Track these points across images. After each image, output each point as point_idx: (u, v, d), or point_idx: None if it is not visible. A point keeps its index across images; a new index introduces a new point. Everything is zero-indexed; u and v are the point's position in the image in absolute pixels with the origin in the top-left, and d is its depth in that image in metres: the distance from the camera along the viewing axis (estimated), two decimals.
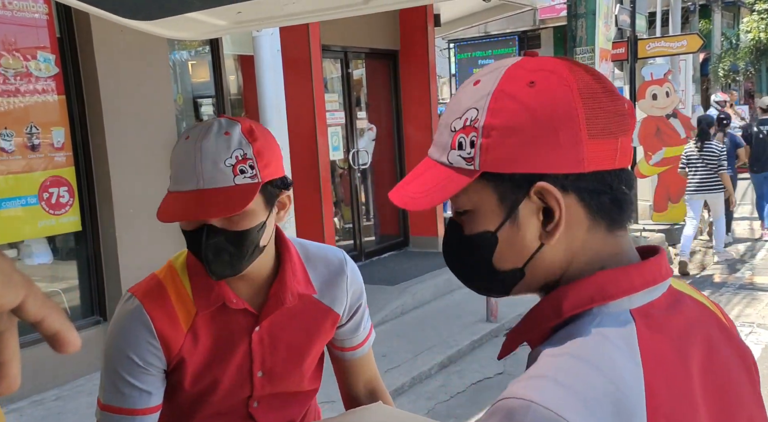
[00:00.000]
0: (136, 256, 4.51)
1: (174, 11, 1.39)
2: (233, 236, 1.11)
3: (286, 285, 1.22)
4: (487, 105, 0.70)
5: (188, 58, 5.86)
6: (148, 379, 1.18)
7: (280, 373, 1.27)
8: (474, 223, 0.74)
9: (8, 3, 4.01)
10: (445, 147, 0.74)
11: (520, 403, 0.63)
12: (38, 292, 0.48)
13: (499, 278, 0.76)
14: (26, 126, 4.13)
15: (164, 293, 1.19)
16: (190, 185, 1.10)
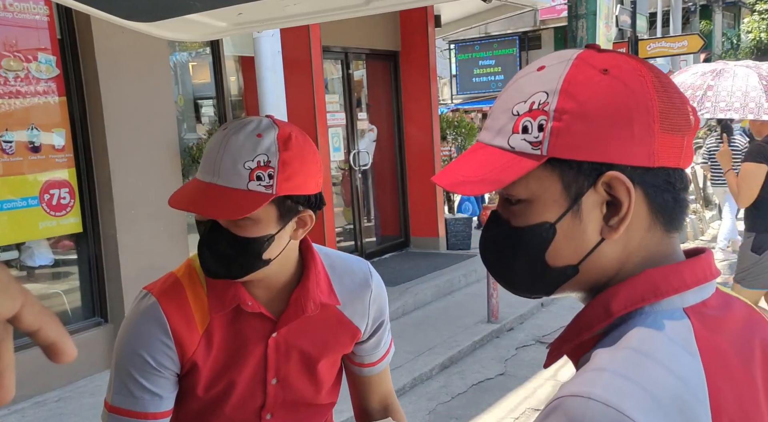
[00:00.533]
0: (136, 257, 4.51)
1: (175, 13, 1.39)
2: (234, 241, 1.07)
3: (309, 293, 1.17)
4: (559, 89, 0.67)
5: (189, 59, 5.87)
6: (161, 382, 1.13)
7: (294, 383, 1.23)
8: (529, 213, 0.70)
9: (9, 5, 4.02)
10: (503, 131, 0.70)
11: (578, 401, 0.59)
12: (35, 301, 0.47)
13: (548, 276, 0.71)
14: (27, 128, 4.13)
15: (181, 292, 1.15)
16: (208, 176, 1.07)
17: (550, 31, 24.73)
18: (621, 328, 0.66)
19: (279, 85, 4.05)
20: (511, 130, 0.69)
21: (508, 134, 0.69)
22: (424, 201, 7.82)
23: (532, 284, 0.74)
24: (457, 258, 7.36)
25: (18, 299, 0.46)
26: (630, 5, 9.56)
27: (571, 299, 5.25)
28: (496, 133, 0.71)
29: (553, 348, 0.74)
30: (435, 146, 7.78)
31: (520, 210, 0.70)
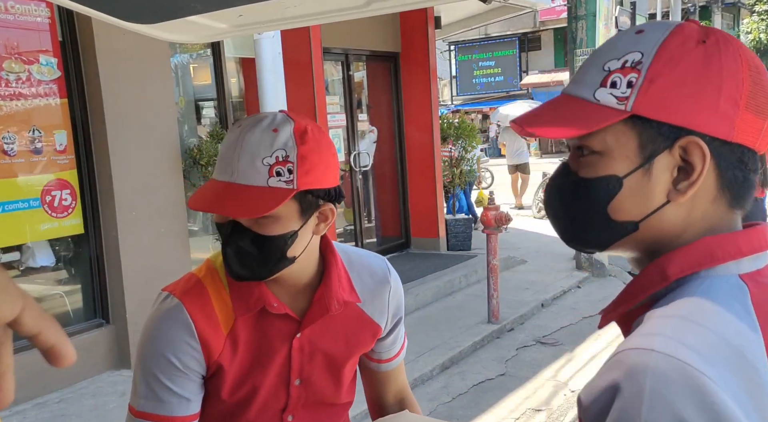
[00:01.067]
0: (138, 258, 4.52)
1: (175, 15, 1.40)
2: (258, 240, 1.05)
3: (332, 292, 1.15)
4: (655, 50, 0.69)
5: (190, 61, 5.88)
6: (188, 384, 1.11)
7: (317, 382, 1.21)
8: (599, 165, 0.72)
9: (11, 7, 4.03)
10: (590, 84, 0.72)
11: (640, 353, 0.60)
12: (35, 305, 0.48)
13: (608, 229, 0.73)
14: (29, 129, 4.15)
15: (204, 293, 1.12)
16: (225, 175, 1.04)
17: (550, 32, 24.75)
18: (677, 292, 0.68)
19: (279, 87, 4.05)
20: (599, 83, 0.71)
21: (595, 86, 0.71)
22: (424, 202, 7.82)
23: (590, 235, 0.75)
24: (458, 259, 7.36)
25: (18, 302, 0.46)
26: (630, 6, 9.58)
27: (571, 301, 5.26)
28: (583, 85, 0.73)
29: (606, 311, 0.76)
30: (435, 147, 7.79)
31: (591, 161, 0.73)
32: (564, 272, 7.22)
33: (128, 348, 4.48)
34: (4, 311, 0.45)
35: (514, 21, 19.44)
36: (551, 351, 5.08)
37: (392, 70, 7.83)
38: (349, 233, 7.40)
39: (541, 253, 8.19)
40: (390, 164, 7.96)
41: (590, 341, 5.28)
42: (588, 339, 5.33)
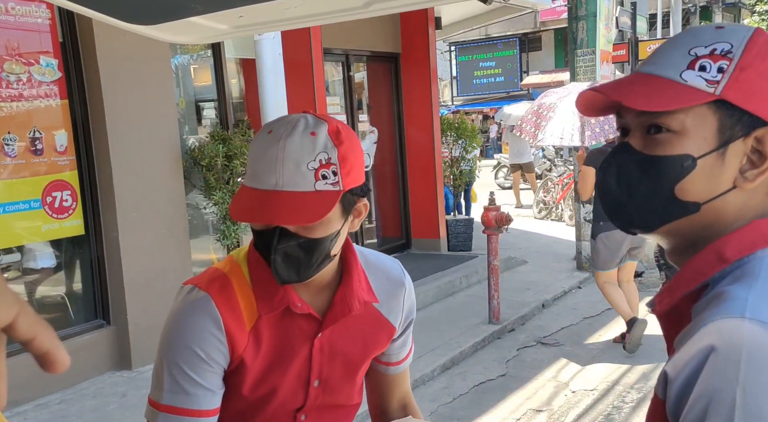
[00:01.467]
0: (138, 260, 4.52)
1: (176, 16, 1.40)
2: (306, 244, 1.05)
3: (354, 292, 1.16)
4: (745, 43, 0.73)
5: (190, 61, 5.88)
6: (212, 377, 1.10)
7: (334, 384, 1.22)
8: (675, 144, 0.74)
9: (11, 8, 4.03)
10: (676, 66, 0.75)
11: (732, 322, 0.64)
12: (29, 310, 0.48)
13: (669, 208, 0.76)
14: (29, 130, 4.15)
15: (229, 287, 1.11)
16: (269, 184, 1.01)
17: (551, 33, 24.74)
18: (738, 271, 0.71)
19: (280, 88, 4.06)
20: (686, 66, 0.74)
21: (681, 68, 0.74)
22: (425, 203, 7.82)
23: (647, 214, 0.77)
24: (458, 260, 7.36)
25: (13, 308, 0.46)
26: (630, 7, 9.58)
27: (572, 301, 5.25)
28: (666, 66, 0.75)
29: (662, 296, 0.78)
30: (436, 147, 7.79)
31: (665, 140, 0.75)
32: (565, 273, 7.22)
33: (129, 349, 4.48)
34: (0, 318, 0.46)
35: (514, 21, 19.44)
36: (552, 351, 5.08)
37: (393, 70, 7.83)
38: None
39: (542, 253, 8.19)
40: (390, 164, 7.96)
41: (591, 341, 5.28)
42: (589, 339, 5.33)
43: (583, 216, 7.21)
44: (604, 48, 7.18)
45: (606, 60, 7.26)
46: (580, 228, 7.28)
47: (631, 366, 4.71)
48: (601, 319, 5.82)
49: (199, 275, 1.16)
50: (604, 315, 5.91)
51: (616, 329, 5.54)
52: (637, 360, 4.79)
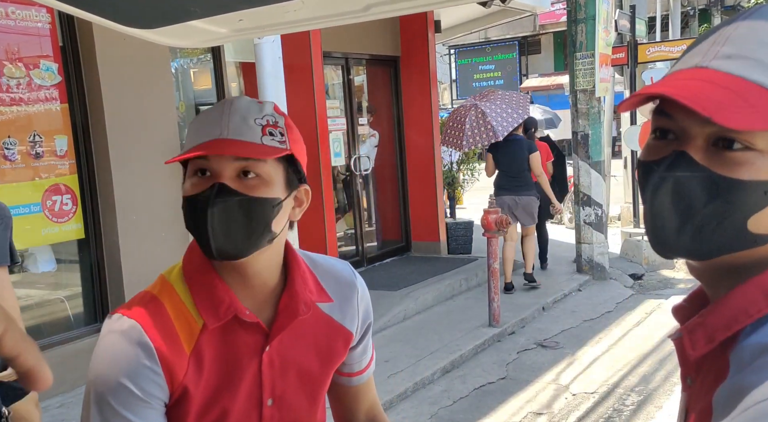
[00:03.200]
0: (138, 263, 4.52)
1: (175, 19, 1.41)
2: (246, 201, 0.98)
3: (298, 295, 1.08)
4: None
5: (190, 65, 5.89)
6: (149, 414, 0.98)
7: (290, 401, 1.12)
8: (758, 167, 0.60)
9: (11, 12, 4.04)
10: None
11: None
12: (17, 328, 0.48)
13: (733, 239, 0.62)
14: (29, 134, 4.15)
15: (161, 309, 1.02)
16: (212, 135, 0.98)
17: (550, 36, 24.80)
18: None
19: (280, 91, 4.06)
20: None
21: None
22: (425, 206, 7.83)
23: (704, 243, 0.63)
24: (458, 262, 7.36)
25: (0, 325, 0.47)
26: (629, 10, 9.58)
27: (571, 304, 5.25)
28: (753, 65, 0.60)
29: (696, 338, 0.66)
30: (436, 150, 7.80)
31: (744, 160, 0.60)
32: (565, 276, 7.21)
33: None
34: None
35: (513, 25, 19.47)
36: (552, 354, 5.08)
37: (392, 74, 7.85)
38: (350, 236, 7.41)
39: None
40: (390, 167, 7.97)
41: (591, 344, 5.28)
42: (589, 342, 5.33)
43: (583, 219, 7.21)
44: (604, 51, 7.19)
45: (605, 63, 7.27)
46: (580, 231, 7.28)
47: (631, 369, 4.70)
48: (601, 322, 5.82)
49: (129, 301, 1.06)
50: (605, 318, 5.92)
51: (616, 331, 5.55)
52: (638, 363, 4.79)
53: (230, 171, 0.98)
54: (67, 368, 4.13)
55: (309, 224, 5.85)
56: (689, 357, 0.67)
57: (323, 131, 6.18)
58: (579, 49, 7.08)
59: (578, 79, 7.12)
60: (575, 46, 7.11)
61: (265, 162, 1.00)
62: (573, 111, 7.31)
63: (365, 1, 1.34)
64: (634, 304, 6.33)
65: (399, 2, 1.36)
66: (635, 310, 6.13)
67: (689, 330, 0.67)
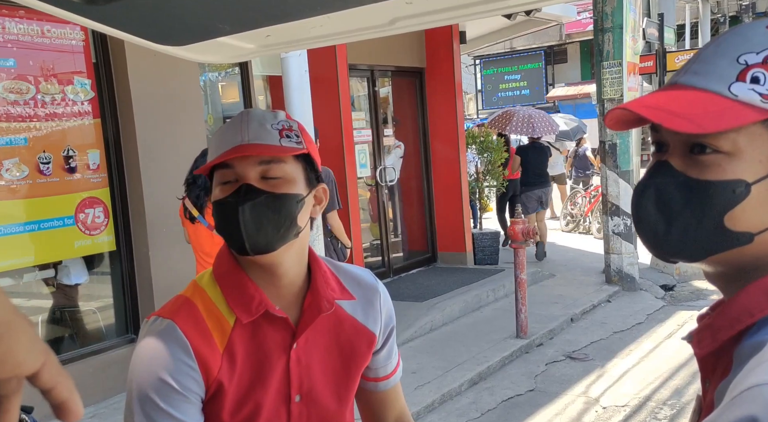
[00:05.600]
0: (168, 275, 4.59)
1: (205, 36, 1.44)
2: (272, 198, 1.05)
3: (320, 293, 1.15)
4: None
5: (218, 79, 5.98)
6: (189, 409, 1.03)
7: (317, 399, 1.16)
8: (724, 168, 0.65)
9: (47, 31, 4.16)
10: (723, 77, 0.65)
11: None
12: (54, 360, 0.49)
13: (717, 239, 0.66)
14: (63, 149, 4.25)
15: (194, 310, 1.09)
16: (234, 143, 1.06)
17: (576, 45, 24.63)
18: None
19: (306, 104, 4.10)
20: (735, 77, 0.65)
21: (730, 80, 0.65)
22: (451, 216, 7.81)
23: (691, 244, 0.68)
24: (485, 273, 7.32)
25: (40, 358, 0.48)
26: (657, 18, 9.49)
27: (601, 315, 5.17)
28: (711, 77, 0.66)
29: (702, 336, 0.70)
30: (461, 161, 7.79)
31: (713, 162, 0.65)
32: (593, 286, 7.12)
33: None
34: (27, 366, 0.47)
35: (539, 34, 19.40)
36: (581, 366, 5.01)
37: (417, 85, 7.87)
38: (376, 247, 7.41)
39: (569, 267, 8.10)
40: (416, 178, 7.97)
41: (621, 356, 5.20)
42: (619, 354, 5.24)
43: (612, 229, 7.13)
44: (631, 60, 7.13)
45: (633, 72, 7.20)
46: (609, 241, 7.18)
47: (664, 382, 4.62)
48: (631, 333, 5.73)
49: (163, 305, 1.13)
50: (635, 329, 5.82)
51: (647, 343, 5.45)
52: (670, 376, 4.70)
53: (254, 173, 1.06)
54: (99, 378, 4.20)
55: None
56: (696, 355, 0.71)
57: (349, 142, 6.22)
58: (606, 58, 7.02)
59: (605, 88, 7.06)
60: (602, 56, 7.06)
61: (286, 163, 1.08)
62: (600, 120, 7.24)
63: (390, 15, 1.36)
64: (666, 316, 6.22)
65: (424, 16, 1.37)
66: (667, 322, 6.02)
67: (698, 331, 0.71)
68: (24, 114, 4.05)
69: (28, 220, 4.07)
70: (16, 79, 4.02)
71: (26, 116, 4.06)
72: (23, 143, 4.04)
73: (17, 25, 4.00)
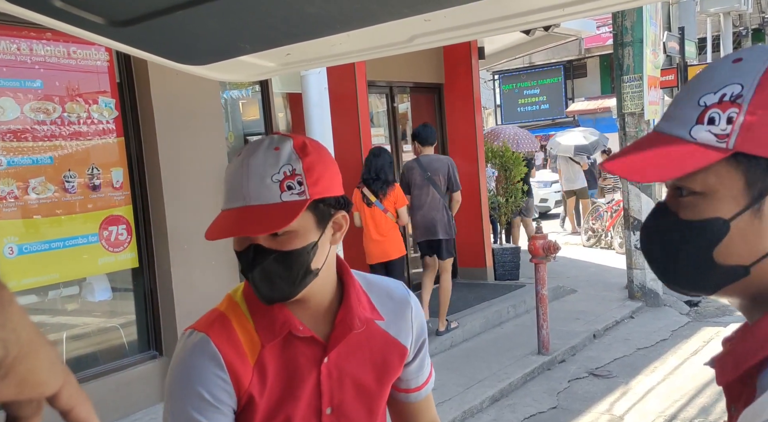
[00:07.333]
0: (189, 291, 4.62)
1: (226, 55, 1.46)
2: (281, 257, 1.05)
3: (353, 311, 1.15)
4: (756, 82, 0.64)
5: (239, 97, 6.05)
6: (220, 419, 1.07)
7: (348, 411, 1.18)
8: (702, 207, 0.67)
9: (73, 52, 4.25)
10: (685, 121, 0.67)
11: None
12: (74, 382, 0.50)
13: (714, 274, 0.68)
14: (88, 167, 4.32)
15: (228, 325, 1.11)
16: (238, 202, 1.05)
17: (596, 59, 24.54)
18: None
19: (326, 121, 4.13)
20: (695, 120, 0.67)
21: (691, 124, 0.67)
22: (470, 232, 7.77)
23: (695, 280, 0.70)
24: (506, 289, 7.26)
25: (60, 379, 0.49)
26: (678, 31, 9.43)
27: (624, 331, 5.11)
28: (676, 122, 0.69)
29: (724, 364, 0.70)
30: (481, 176, 7.77)
31: (692, 203, 0.68)
32: (616, 302, 7.03)
33: None
34: (49, 386, 0.48)
35: (558, 49, 19.38)
36: (605, 383, 4.93)
37: (436, 101, 7.89)
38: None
39: (591, 282, 8.01)
40: None
41: (646, 373, 5.11)
42: (644, 371, 5.16)
43: (634, 244, 7.04)
44: (652, 73, 7.08)
45: (654, 85, 7.15)
46: (631, 256, 7.10)
47: (690, 400, 4.53)
48: (656, 350, 5.64)
49: (199, 319, 1.16)
50: (659, 346, 5.73)
51: (672, 360, 5.35)
52: (696, 394, 4.61)
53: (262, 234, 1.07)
54: (122, 394, 4.22)
55: (355, 250, 5.87)
56: (718, 383, 0.71)
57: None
58: (626, 73, 6.99)
59: (626, 102, 7.02)
60: (622, 70, 7.03)
61: None
62: (621, 134, 7.20)
63: (409, 33, 1.37)
64: (691, 332, 6.12)
65: (442, 33, 1.38)
66: (692, 338, 5.92)
67: (719, 358, 0.71)
68: (50, 134, 4.13)
69: (53, 238, 4.13)
70: (43, 99, 4.10)
71: (52, 136, 4.14)
72: (49, 163, 4.12)
73: (44, 47, 4.09)
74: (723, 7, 14.61)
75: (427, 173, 5.74)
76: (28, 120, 4.02)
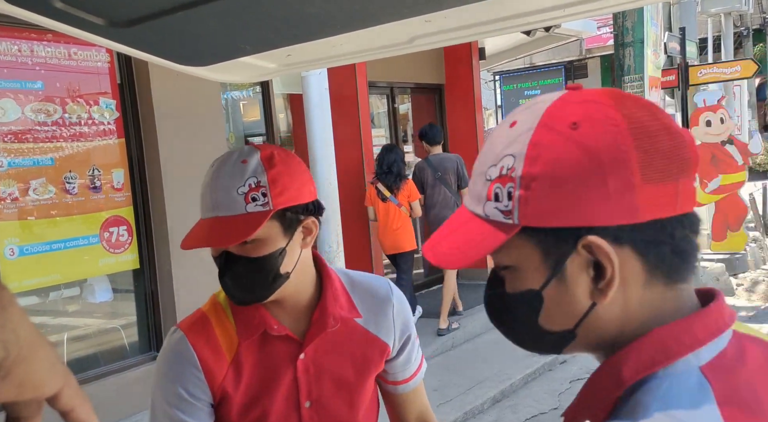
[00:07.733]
0: (190, 292, 4.62)
1: (227, 57, 1.46)
2: (250, 263, 1.13)
3: (328, 310, 1.21)
4: (524, 153, 0.62)
5: (240, 98, 6.06)
6: (198, 413, 1.18)
7: (328, 405, 1.24)
8: (516, 280, 0.67)
9: (73, 53, 4.25)
10: (480, 198, 0.67)
11: None
12: (74, 383, 0.50)
13: (547, 339, 0.69)
14: (89, 168, 4.32)
15: (207, 324, 1.21)
16: (209, 213, 1.15)
17: (597, 60, 24.55)
18: (635, 397, 0.61)
19: (326, 121, 4.13)
20: (486, 197, 0.66)
21: (484, 201, 0.66)
22: None
23: (535, 345, 0.71)
24: None
25: (60, 380, 0.49)
26: (679, 32, 9.42)
27: None
28: (475, 199, 0.68)
29: (569, 418, 0.70)
30: None
31: (509, 276, 0.68)
32: None
33: None
34: (48, 387, 0.48)
35: (559, 49, 19.39)
36: None
37: (437, 101, 7.89)
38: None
39: None
40: None
41: None
42: None
43: None
44: (653, 74, 7.08)
45: (655, 86, 7.15)
46: None
47: None
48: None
49: (185, 317, 1.26)
50: None
51: None
52: None
53: None
54: (122, 395, 4.22)
55: (356, 251, 5.88)
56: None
57: (369, 158, 6.24)
58: (627, 73, 6.99)
59: None
60: (623, 70, 7.03)
61: None
62: None
63: (410, 34, 1.37)
64: None
65: (443, 34, 1.38)
66: None
67: (569, 412, 0.71)
68: (51, 135, 4.13)
69: (54, 239, 4.14)
70: (44, 101, 4.10)
71: (53, 137, 4.14)
72: (50, 164, 4.12)
73: (45, 49, 4.10)
74: (724, 7, 14.61)
75: (437, 172, 5.81)
76: (28, 121, 4.02)
